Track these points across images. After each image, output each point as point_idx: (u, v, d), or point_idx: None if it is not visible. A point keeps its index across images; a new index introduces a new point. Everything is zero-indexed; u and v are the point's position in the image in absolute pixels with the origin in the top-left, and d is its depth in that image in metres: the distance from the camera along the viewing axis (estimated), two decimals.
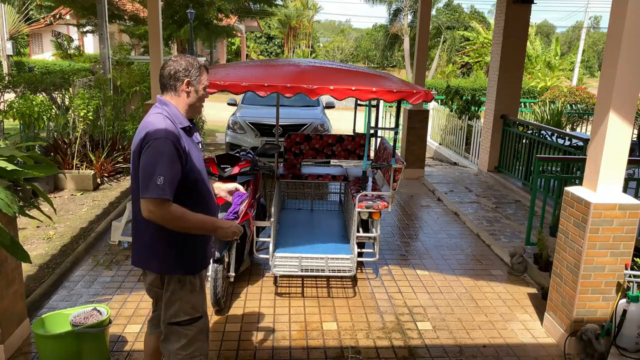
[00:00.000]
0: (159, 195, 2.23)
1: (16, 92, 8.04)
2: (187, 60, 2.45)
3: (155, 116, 2.38)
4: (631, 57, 3.27)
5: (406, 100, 4.08)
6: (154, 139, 2.27)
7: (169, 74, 2.43)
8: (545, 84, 23.29)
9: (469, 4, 70.03)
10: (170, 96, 2.47)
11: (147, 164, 2.26)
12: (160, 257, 2.46)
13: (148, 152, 2.27)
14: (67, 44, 23.59)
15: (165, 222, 2.29)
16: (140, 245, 2.50)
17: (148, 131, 2.30)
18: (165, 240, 2.43)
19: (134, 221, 2.50)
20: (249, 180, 4.50)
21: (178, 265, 2.47)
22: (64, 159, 7.32)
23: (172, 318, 2.52)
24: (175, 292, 2.50)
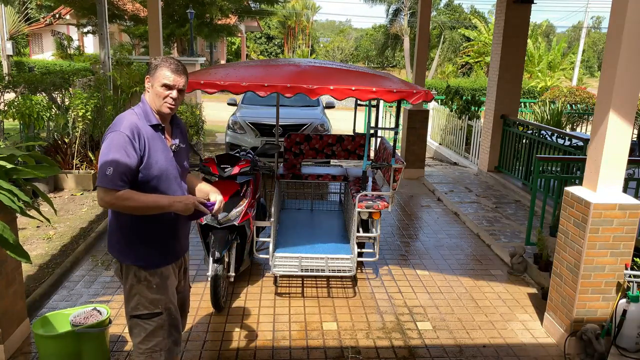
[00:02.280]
0: (106, 184, 2.34)
1: (16, 92, 8.04)
2: (154, 61, 2.55)
3: (126, 113, 2.51)
4: (631, 57, 3.27)
5: (406, 100, 4.08)
6: (111, 132, 2.40)
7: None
8: (545, 84, 23.29)
9: (469, 4, 70.07)
10: (145, 93, 2.58)
11: (101, 153, 2.38)
12: (116, 245, 2.57)
13: (104, 144, 2.39)
14: (67, 43, 23.60)
15: (116, 207, 2.40)
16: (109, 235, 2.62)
17: (111, 126, 2.45)
18: (121, 230, 2.54)
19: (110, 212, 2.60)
20: (249, 180, 4.50)
21: (132, 256, 2.54)
22: (64, 159, 7.32)
23: (133, 311, 2.55)
24: (133, 287, 2.54)
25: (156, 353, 2.56)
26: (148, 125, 2.47)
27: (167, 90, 2.49)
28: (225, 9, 17.36)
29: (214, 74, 4.14)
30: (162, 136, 2.54)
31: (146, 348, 2.55)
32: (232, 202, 4.18)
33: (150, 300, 2.53)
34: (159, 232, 2.56)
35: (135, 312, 2.54)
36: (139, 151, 2.40)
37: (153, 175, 2.46)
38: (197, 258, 5.10)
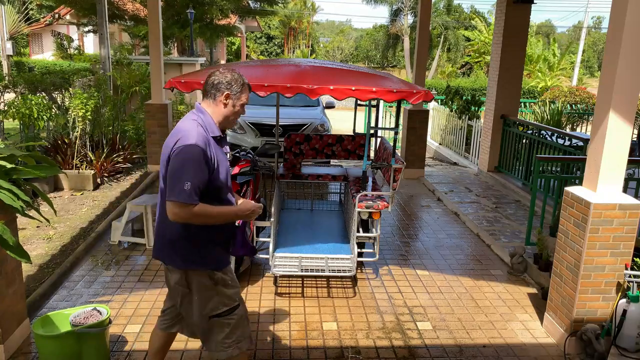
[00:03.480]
0: (184, 199, 2.35)
1: (16, 92, 8.04)
2: (233, 75, 2.56)
3: (189, 122, 2.50)
4: (631, 57, 3.27)
5: (406, 100, 4.08)
6: (184, 145, 2.39)
7: (212, 83, 2.55)
8: (545, 84, 23.30)
9: (469, 4, 70.07)
10: (207, 104, 2.58)
11: (176, 168, 2.38)
12: (183, 255, 2.55)
13: (178, 157, 2.39)
14: (67, 43, 23.59)
15: (189, 221, 2.44)
16: (165, 244, 2.59)
17: (180, 136, 2.42)
18: (190, 240, 2.54)
19: (159, 219, 2.61)
20: (249, 180, 4.50)
21: (205, 261, 2.57)
22: (64, 159, 7.32)
23: (212, 312, 2.61)
24: (209, 289, 2.59)
25: (241, 343, 2.68)
26: (211, 137, 2.51)
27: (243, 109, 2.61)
28: (226, 9, 17.35)
29: None
30: (222, 147, 2.60)
31: (232, 341, 2.65)
32: None
33: (228, 297, 2.64)
34: (225, 234, 2.66)
35: (215, 312, 2.62)
36: (210, 164, 2.44)
37: (217, 186, 2.53)
38: None
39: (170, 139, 2.49)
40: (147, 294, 4.35)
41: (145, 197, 5.70)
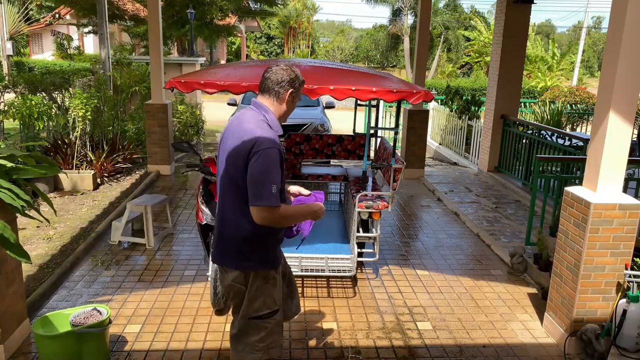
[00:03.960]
0: (272, 203, 2.36)
1: (16, 92, 8.04)
2: (294, 72, 2.58)
3: (259, 123, 2.47)
4: (631, 57, 3.27)
5: (406, 100, 4.09)
6: (264, 148, 2.37)
7: (276, 81, 2.53)
8: (545, 84, 23.30)
9: (469, 4, 70.07)
10: (271, 102, 2.56)
11: (260, 172, 2.36)
12: (248, 255, 2.56)
13: (260, 161, 2.36)
14: (67, 43, 23.59)
15: (276, 224, 2.48)
16: (227, 244, 2.58)
17: (256, 139, 2.38)
18: (255, 240, 2.54)
19: (220, 220, 2.59)
20: None
21: (264, 262, 2.59)
22: (64, 159, 7.32)
23: (255, 312, 2.61)
24: (260, 288, 2.59)
25: (272, 349, 2.66)
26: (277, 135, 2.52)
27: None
28: (226, 9, 17.36)
29: (214, 74, 4.15)
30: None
31: (264, 345, 2.63)
32: None
33: (273, 299, 2.63)
34: (280, 233, 2.68)
35: (258, 313, 2.61)
36: (282, 164, 2.47)
37: (283, 186, 2.55)
38: (197, 258, 5.10)
39: (240, 141, 2.44)
40: (147, 294, 4.35)
41: (145, 197, 5.70)
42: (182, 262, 5.00)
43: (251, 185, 2.38)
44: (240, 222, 2.49)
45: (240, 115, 2.58)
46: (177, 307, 4.14)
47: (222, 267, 2.66)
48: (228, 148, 2.49)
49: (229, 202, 2.52)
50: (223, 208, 2.57)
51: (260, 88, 2.58)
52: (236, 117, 2.59)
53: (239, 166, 2.42)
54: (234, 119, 2.61)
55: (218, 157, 2.65)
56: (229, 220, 2.53)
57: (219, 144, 2.65)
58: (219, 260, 2.64)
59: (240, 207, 2.48)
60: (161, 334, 3.75)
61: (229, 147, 2.49)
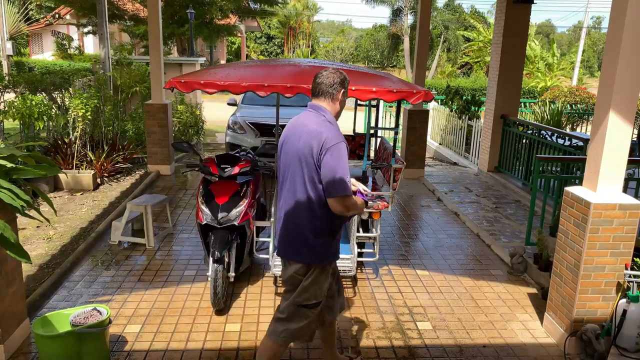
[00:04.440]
0: (348, 192, 2.62)
1: (16, 92, 8.04)
2: (343, 74, 2.83)
3: (323, 122, 2.71)
4: (631, 57, 3.27)
5: (406, 100, 4.08)
6: (335, 144, 2.62)
7: (330, 83, 2.78)
8: (545, 84, 23.30)
9: (470, 4, 70.09)
10: (327, 103, 2.80)
11: (335, 166, 2.60)
12: (315, 249, 2.75)
13: (333, 156, 2.60)
14: (67, 43, 23.59)
15: (349, 212, 2.70)
16: (294, 239, 2.77)
17: (324, 137, 2.62)
18: (322, 234, 2.75)
19: (287, 216, 2.78)
20: (249, 180, 4.50)
21: (326, 255, 2.80)
22: (64, 159, 7.32)
23: (305, 301, 2.81)
24: (315, 279, 2.79)
25: (304, 336, 2.96)
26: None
27: None
28: (226, 9, 17.35)
29: (214, 74, 4.14)
30: None
31: (297, 329, 2.86)
32: (232, 202, 4.18)
33: (321, 291, 2.84)
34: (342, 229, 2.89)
35: (306, 302, 2.82)
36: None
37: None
38: (197, 258, 5.10)
39: (309, 140, 2.65)
40: (147, 294, 4.35)
41: (145, 197, 5.70)
42: (182, 262, 5.00)
43: (328, 178, 2.60)
44: (309, 218, 2.70)
45: (300, 118, 2.81)
46: (177, 307, 4.14)
47: (286, 260, 2.85)
48: (296, 148, 2.70)
49: (298, 199, 2.70)
50: (289, 204, 2.75)
51: (314, 92, 2.82)
52: (296, 120, 2.82)
53: (310, 164, 2.65)
54: (295, 122, 2.83)
55: (279, 160, 2.86)
56: (297, 216, 2.73)
57: (280, 147, 2.86)
58: (285, 254, 2.84)
59: (309, 203, 2.68)
60: (161, 334, 3.75)
61: (297, 148, 2.70)
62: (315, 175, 2.65)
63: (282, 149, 2.83)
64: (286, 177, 2.77)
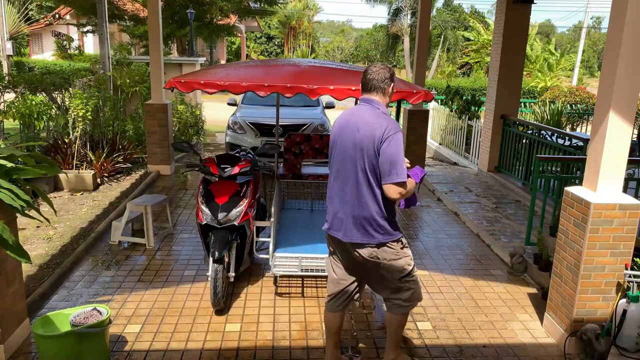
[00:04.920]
0: (405, 177, 2.86)
1: (16, 92, 8.04)
2: (390, 69, 3.06)
3: (380, 114, 2.93)
4: (631, 57, 3.26)
5: (406, 100, 4.08)
6: (394, 133, 2.85)
7: (382, 78, 2.98)
8: (545, 84, 23.30)
9: (469, 4, 70.07)
10: (379, 96, 3.01)
11: (394, 153, 2.83)
12: (382, 230, 2.97)
13: (393, 144, 2.82)
14: (67, 43, 23.59)
15: (404, 196, 2.95)
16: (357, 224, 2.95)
17: (383, 128, 2.84)
18: (384, 215, 2.97)
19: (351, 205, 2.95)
20: (249, 180, 4.50)
21: (392, 231, 3.03)
22: (64, 159, 7.32)
23: (400, 274, 3.07)
24: (398, 253, 3.04)
25: (417, 300, 3.20)
26: None
27: None
28: (226, 9, 17.34)
29: (213, 74, 4.15)
30: None
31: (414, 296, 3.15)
32: (232, 202, 4.18)
33: (409, 257, 3.12)
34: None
35: (402, 273, 3.07)
36: None
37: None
38: (197, 258, 5.10)
39: (369, 132, 2.85)
40: (147, 294, 4.35)
41: (145, 197, 5.70)
42: (182, 262, 5.01)
43: (387, 165, 2.81)
44: (372, 202, 2.92)
45: (354, 111, 3.01)
46: (177, 307, 4.14)
47: (354, 247, 3.00)
48: (355, 140, 2.89)
49: (361, 187, 2.92)
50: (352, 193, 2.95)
51: (366, 88, 3.01)
52: (352, 114, 3.00)
53: (370, 154, 2.86)
54: (350, 115, 3.01)
55: (334, 151, 3.04)
56: (364, 202, 2.92)
57: (335, 139, 3.04)
58: (348, 238, 2.98)
59: (371, 189, 2.91)
60: (161, 334, 3.75)
61: (356, 139, 2.89)
62: (375, 163, 2.86)
63: (338, 141, 3.02)
64: (345, 167, 2.97)
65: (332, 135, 3.08)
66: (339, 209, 3.01)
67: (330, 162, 3.11)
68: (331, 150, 3.09)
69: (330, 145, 3.10)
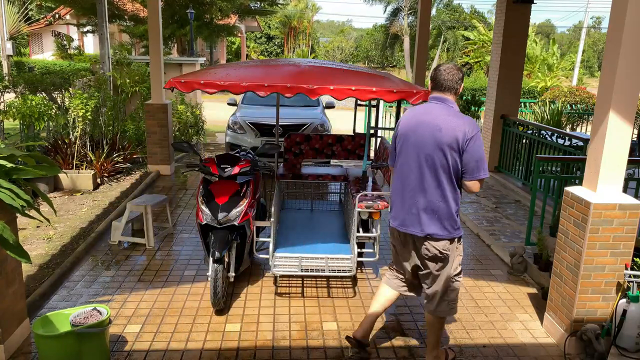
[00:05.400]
0: (487, 174, 3.06)
1: (16, 92, 8.04)
2: (461, 70, 3.21)
3: (457, 113, 3.09)
4: (631, 57, 3.26)
5: (406, 100, 4.08)
6: (477, 132, 3.01)
7: (457, 79, 3.13)
8: (545, 84, 23.29)
9: (469, 4, 70.11)
10: (452, 96, 3.15)
11: (479, 151, 3.01)
12: (457, 223, 3.14)
13: (477, 143, 3.00)
14: (67, 43, 23.58)
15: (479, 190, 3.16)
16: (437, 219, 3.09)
17: (465, 127, 2.99)
18: (458, 210, 3.15)
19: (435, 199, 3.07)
20: (249, 180, 4.50)
21: (460, 228, 3.18)
22: (64, 159, 7.32)
23: (454, 271, 3.23)
24: (459, 249, 3.23)
25: (456, 306, 3.32)
26: None
27: None
28: (226, 9, 17.34)
29: (213, 74, 4.14)
30: None
31: (455, 298, 3.29)
32: (232, 202, 4.18)
33: (461, 257, 3.28)
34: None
35: (456, 271, 3.24)
36: None
37: None
38: (197, 258, 5.10)
39: (452, 130, 2.98)
40: (147, 294, 4.35)
41: (145, 197, 5.70)
42: (182, 262, 5.01)
43: (474, 162, 2.99)
44: (451, 198, 3.07)
45: (430, 110, 3.11)
46: (177, 307, 4.14)
47: (429, 240, 3.12)
48: (435, 138, 3.00)
49: (441, 182, 3.04)
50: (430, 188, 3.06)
51: (440, 87, 3.13)
52: (426, 113, 3.11)
53: (454, 152, 2.99)
54: (424, 114, 3.11)
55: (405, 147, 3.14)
56: (442, 197, 3.06)
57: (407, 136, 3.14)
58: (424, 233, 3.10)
59: (451, 185, 3.06)
60: (161, 334, 3.75)
61: (437, 138, 3.00)
62: (459, 161, 3.00)
63: (412, 139, 3.11)
64: (422, 164, 3.06)
65: (401, 133, 3.18)
66: (413, 204, 3.11)
67: (399, 159, 3.21)
68: (400, 146, 3.20)
69: (398, 142, 3.22)
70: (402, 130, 3.18)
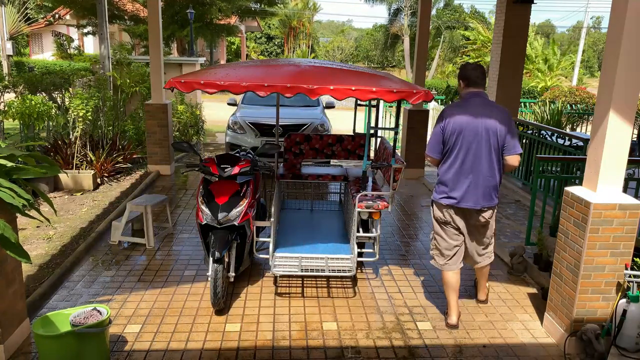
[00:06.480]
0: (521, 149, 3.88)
1: (16, 92, 8.04)
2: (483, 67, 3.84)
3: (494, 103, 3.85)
4: (631, 57, 3.26)
5: (406, 100, 4.08)
6: (510, 115, 3.79)
7: (484, 75, 3.79)
8: (545, 84, 23.29)
9: (469, 4, 70.09)
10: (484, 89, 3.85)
11: (516, 132, 3.74)
12: (499, 194, 3.90)
13: (513, 125, 3.71)
14: (67, 44, 23.59)
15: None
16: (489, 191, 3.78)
17: (507, 111, 3.80)
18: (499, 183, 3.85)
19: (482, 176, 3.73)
20: (249, 180, 4.50)
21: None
22: (64, 159, 7.32)
23: (492, 231, 4.04)
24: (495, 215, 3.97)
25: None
26: None
27: None
28: (226, 10, 17.34)
29: (213, 74, 4.14)
30: None
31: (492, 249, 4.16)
32: (232, 202, 4.18)
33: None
34: None
35: (494, 229, 4.04)
36: None
37: None
38: (197, 258, 5.10)
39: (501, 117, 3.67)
40: (147, 294, 4.35)
41: (145, 197, 5.70)
42: (182, 262, 5.01)
43: (513, 141, 3.68)
44: (497, 173, 3.76)
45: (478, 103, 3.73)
46: (177, 307, 4.14)
47: (482, 211, 3.83)
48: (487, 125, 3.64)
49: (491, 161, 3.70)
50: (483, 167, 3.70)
51: (477, 82, 3.76)
52: (476, 105, 3.71)
53: (501, 135, 3.65)
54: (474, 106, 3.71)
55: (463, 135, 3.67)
56: (491, 174, 3.73)
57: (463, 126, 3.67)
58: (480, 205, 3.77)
59: (498, 162, 3.73)
60: (161, 334, 3.76)
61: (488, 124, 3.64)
62: (502, 141, 3.66)
63: (467, 128, 3.65)
64: (478, 148, 3.66)
65: (455, 123, 3.69)
66: (471, 182, 3.72)
67: (455, 146, 3.73)
68: (455, 135, 3.70)
69: (452, 131, 3.70)
70: (456, 124, 3.68)
